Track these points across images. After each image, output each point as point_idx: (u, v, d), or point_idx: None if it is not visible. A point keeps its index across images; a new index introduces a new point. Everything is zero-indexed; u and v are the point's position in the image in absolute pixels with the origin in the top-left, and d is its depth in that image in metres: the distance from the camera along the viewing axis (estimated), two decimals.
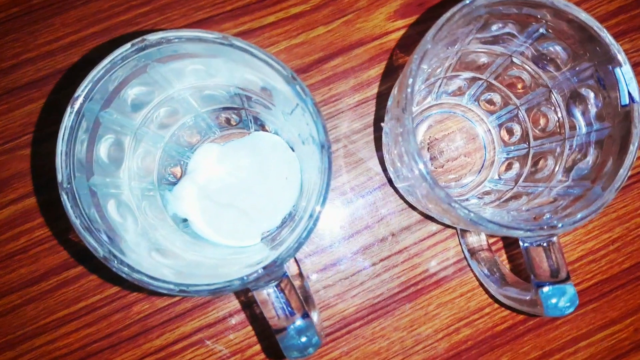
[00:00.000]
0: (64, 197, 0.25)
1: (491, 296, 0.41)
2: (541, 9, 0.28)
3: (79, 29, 0.42)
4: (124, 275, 0.26)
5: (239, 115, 0.38)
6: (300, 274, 0.39)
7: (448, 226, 0.42)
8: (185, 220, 0.38)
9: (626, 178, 0.27)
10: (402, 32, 0.43)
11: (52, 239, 0.40)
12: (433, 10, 0.44)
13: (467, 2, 0.27)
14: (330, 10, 0.43)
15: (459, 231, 0.41)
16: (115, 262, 0.26)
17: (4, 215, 0.40)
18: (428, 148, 0.42)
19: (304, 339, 0.27)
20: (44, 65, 0.41)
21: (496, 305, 0.41)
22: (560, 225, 0.27)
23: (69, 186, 0.25)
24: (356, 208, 0.42)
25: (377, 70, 0.43)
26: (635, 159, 0.27)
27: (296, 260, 0.39)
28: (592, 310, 0.42)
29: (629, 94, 0.27)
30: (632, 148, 0.27)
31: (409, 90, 0.26)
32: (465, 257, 0.41)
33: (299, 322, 0.27)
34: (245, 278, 0.26)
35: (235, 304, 0.41)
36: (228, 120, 0.39)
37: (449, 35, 0.29)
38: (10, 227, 0.40)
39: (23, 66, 0.41)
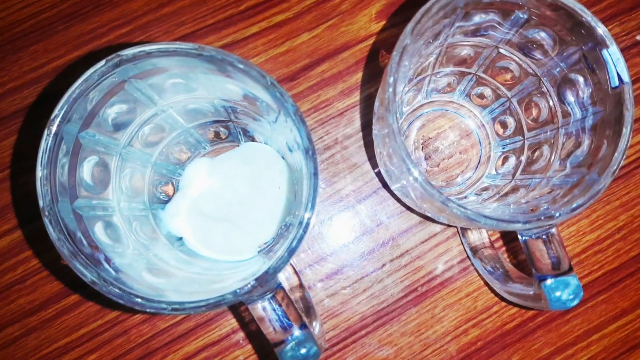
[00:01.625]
0: (47, 223, 0.25)
1: (497, 294, 0.40)
2: None
3: (63, 53, 0.42)
4: (114, 298, 0.26)
5: (227, 128, 0.38)
6: (301, 285, 0.38)
7: (449, 225, 0.41)
8: (180, 238, 0.37)
9: (622, 162, 0.26)
10: (387, 32, 0.43)
11: (49, 267, 0.40)
12: (416, 8, 0.43)
13: None
14: (313, 16, 0.43)
15: (459, 230, 0.40)
16: (105, 285, 0.25)
17: (0, 246, 0.40)
18: (422, 147, 0.41)
19: (302, 351, 0.26)
20: (29, 93, 0.41)
21: (504, 304, 0.40)
22: (557, 214, 0.26)
23: (51, 211, 0.25)
24: (355, 213, 0.41)
25: (365, 72, 0.42)
26: (629, 141, 0.26)
27: (296, 271, 0.38)
28: (603, 301, 0.41)
29: (618, 75, 0.26)
30: (625, 131, 0.26)
31: (390, 89, 0.26)
32: (468, 257, 0.40)
33: (297, 333, 0.27)
34: (237, 291, 0.25)
35: (239, 319, 0.40)
36: (217, 134, 0.38)
37: (430, 29, 0.28)
38: (7, 257, 0.40)
39: (9, 95, 0.41)
